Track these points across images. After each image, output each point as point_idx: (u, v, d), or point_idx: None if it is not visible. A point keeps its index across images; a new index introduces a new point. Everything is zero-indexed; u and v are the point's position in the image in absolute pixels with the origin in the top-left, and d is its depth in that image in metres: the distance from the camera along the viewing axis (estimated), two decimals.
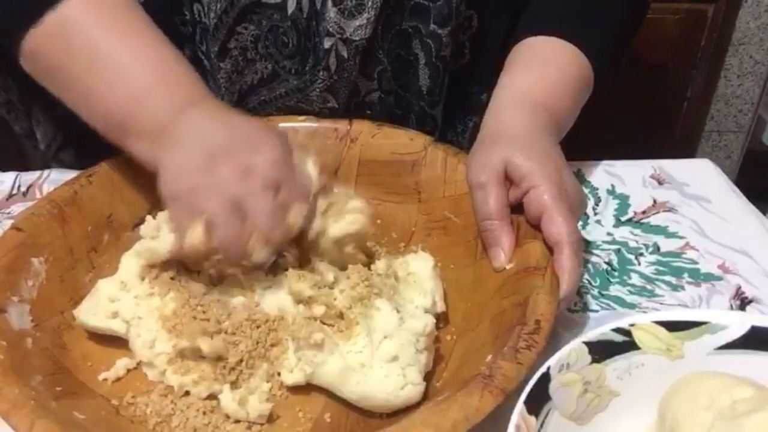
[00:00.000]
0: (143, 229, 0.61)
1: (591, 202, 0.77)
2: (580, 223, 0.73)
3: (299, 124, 0.74)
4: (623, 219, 0.76)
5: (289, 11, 0.71)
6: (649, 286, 0.68)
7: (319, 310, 0.54)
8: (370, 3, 0.70)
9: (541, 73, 0.69)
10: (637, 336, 0.51)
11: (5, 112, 0.78)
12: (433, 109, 0.80)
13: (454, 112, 0.84)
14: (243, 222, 0.53)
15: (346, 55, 0.72)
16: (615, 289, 0.67)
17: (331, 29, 0.71)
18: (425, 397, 0.53)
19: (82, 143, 0.64)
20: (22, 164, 0.83)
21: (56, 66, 0.61)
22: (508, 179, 0.61)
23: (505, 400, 0.47)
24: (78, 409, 0.50)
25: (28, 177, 0.78)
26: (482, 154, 0.63)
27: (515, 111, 0.66)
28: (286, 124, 0.74)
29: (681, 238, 0.73)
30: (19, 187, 0.77)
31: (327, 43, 0.72)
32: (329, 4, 0.70)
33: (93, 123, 0.62)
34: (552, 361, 0.48)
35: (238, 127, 0.58)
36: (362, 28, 0.71)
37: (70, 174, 0.66)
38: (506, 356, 0.49)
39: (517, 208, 0.61)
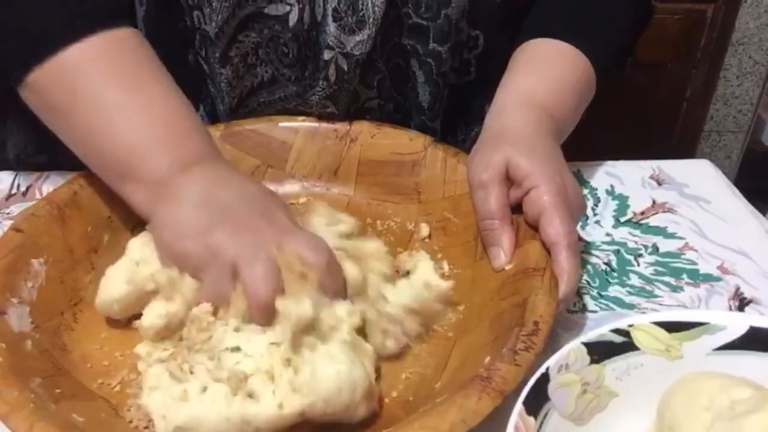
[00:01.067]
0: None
1: (590, 203, 0.77)
2: (579, 223, 0.73)
3: (299, 124, 0.74)
4: (622, 220, 0.76)
5: (291, 23, 0.71)
6: (648, 287, 0.68)
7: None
8: (371, 20, 0.70)
9: (544, 76, 0.69)
10: (636, 337, 0.51)
11: None
12: (434, 122, 0.80)
13: (456, 123, 0.84)
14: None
15: (346, 68, 0.72)
16: (614, 290, 0.67)
17: (331, 43, 0.71)
18: (425, 398, 0.54)
19: (55, 149, 0.63)
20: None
21: (58, 105, 0.60)
22: (510, 179, 0.61)
23: (504, 401, 0.47)
24: (77, 411, 0.50)
25: (27, 177, 0.78)
26: (484, 153, 0.63)
27: (517, 112, 0.66)
28: (287, 124, 0.74)
29: (680, 238, 0.73)
30: (18, 186, 0.77)
31: (327, 55, 0.71)
32: (329, 18, 0.70)
33: (90, 164, 0.61)
34: (551, 362, 0.48)
35: (245, 191, 0.57)
36: (362, 43, 0.71)
37: (70, 175, 0.66)
38: (504, 358, 0.49)
39: (516, 208, 0.61)
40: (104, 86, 0.59)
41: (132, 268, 0.58)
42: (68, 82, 0.59)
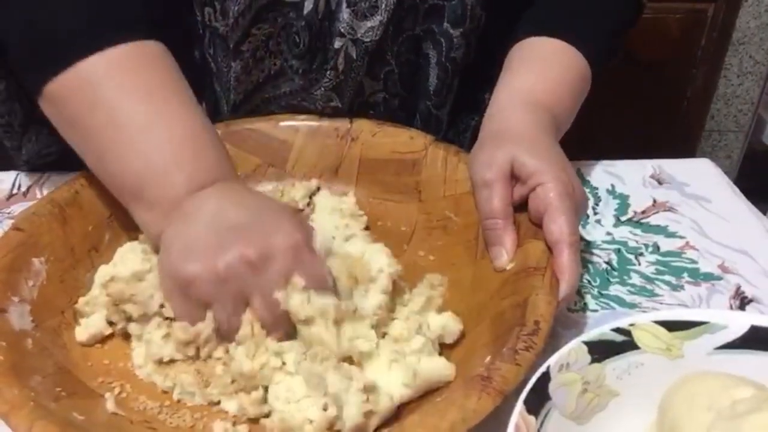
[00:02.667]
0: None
1: (591, 202, 0.77)
2: (580, 222, 0.73)
3: (300, 123, 0.74)
4: (623, 219, 0.76)
5: (305, 11, 0.71)
6: (648, 286, 0.68)
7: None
8: (383, 5, 0.70)
9: (543, 74, 0.69)
10: (637, 336, 0.51)
11: (2, 132, 0.76)
12: (439, 110, 0.80)
13: (457, 111, 0.84)
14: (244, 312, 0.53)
15: (354, 56, 0.72)
16: (615, 289, 0.67)
17: (342, 30, 0.71)
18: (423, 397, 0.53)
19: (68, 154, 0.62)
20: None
21: (75, 119, 0.58)
22: (514, 177, 0.61)
23: (505, 400, 0.47)
24: (77, 410, 0.50)
25: (28, 177, 0.78)
26: (487, 152, 0.63)
27: (518, 111, 0.66)
28: (287, 122, 0.74)
29: (681, 237, 0.73)
30: (19, 186, 0.77)
31: (337, 44, 0.71)
32: (344, 5, 0.70)
33: (103, 180, 0.60)
34: (552, 361, 0.48)
35: (255, 208, 0.56)
36: (373, 29, 0.71)
37: (71, 175, 0.66)
38: (505, 357, 0.49)
39: (518, 207, 0.61)
40: (122, 102, 0.57)
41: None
42: (86, 94, 0.57)
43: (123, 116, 0.57)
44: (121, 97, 0.57)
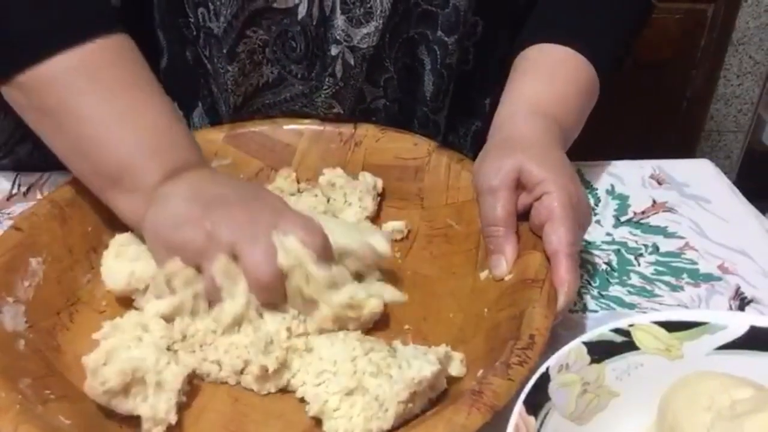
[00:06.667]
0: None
1: (591, 203, 0.77)
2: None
3: (303, 127, 0.73)
4: (623, 219, 0.76)
5: (300, 17, 0.71)
6: (648, 287, 0.68)
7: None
8: (378, 11, 0.70)
9: (550, 84, 0.69)
10: (637, 336, 0.51)
11: None
12: (436, 115, 0.80)
13: (456, 116, 0.83)
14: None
15: (352, 63, 0.72)
16: (614, 290, 0.67)
17: (338, 37, 0.71)
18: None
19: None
20: None
21: (48, 109, 0.59)
22: (521, 186, 0.61)
23: (495, 415, 0.47)
24: (65, 413, 0.50)
25: (28, 177, 0.78)
26: (494, 159, 0.62)
27: (528, 120, 0.65)
28: (291, 126, 0.73)
29: (680, 238, 0.73)
30: (19, 186, 0.77)
31: (334, 51, 0.71)
32: (338, 11, 0.70)
33: (75, 170, 0.61)
34: (551, 362, 0.48)
35: (231, 185, 0.59)
36: (369, 36, 0.71)
37: (71, 175, 0.66)
38: (497, 372, 0.48)
39: (520, 217, 0.61)
40: (96, 95, 0.59)
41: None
42: (60, 87, 0.58)
43: (96, 109, 0.59)
44: (95, 91, 0.59)
